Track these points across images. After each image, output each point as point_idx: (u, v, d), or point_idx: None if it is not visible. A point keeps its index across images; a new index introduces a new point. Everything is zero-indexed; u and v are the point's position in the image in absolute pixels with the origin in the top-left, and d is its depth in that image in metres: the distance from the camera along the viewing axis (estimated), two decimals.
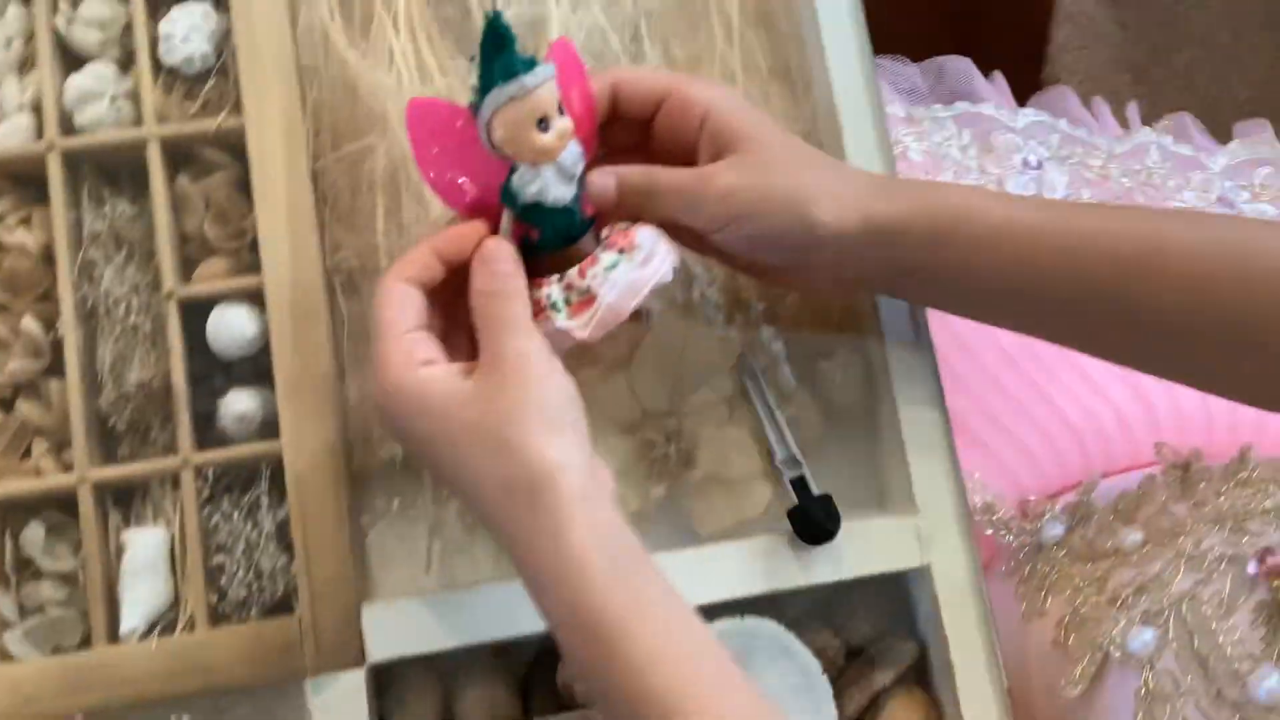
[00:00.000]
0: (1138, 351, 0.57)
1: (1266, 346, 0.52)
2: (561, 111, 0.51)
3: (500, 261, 0.51)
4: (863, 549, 0.62)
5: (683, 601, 0.48)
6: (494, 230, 0.53)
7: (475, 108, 0.51)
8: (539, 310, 0.52)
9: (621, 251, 0.53)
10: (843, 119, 0.67)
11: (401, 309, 0.51)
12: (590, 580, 0.46)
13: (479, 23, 0.66)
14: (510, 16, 0.67)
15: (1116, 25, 1.49)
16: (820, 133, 0.68)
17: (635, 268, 0.52)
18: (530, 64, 0.50)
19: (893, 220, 0.55)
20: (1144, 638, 0.61)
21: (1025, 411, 0.80)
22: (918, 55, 1.07)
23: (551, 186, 0.51)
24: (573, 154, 0.52)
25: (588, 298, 0.52)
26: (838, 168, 0.60)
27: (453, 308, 0.54)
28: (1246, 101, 1.46)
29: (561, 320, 0.52)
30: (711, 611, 0.61)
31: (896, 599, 0.65)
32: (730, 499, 0.63)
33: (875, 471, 0.65)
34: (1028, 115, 0.95)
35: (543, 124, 0.50)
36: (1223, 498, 0.67)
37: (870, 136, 0.66)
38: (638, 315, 0.57)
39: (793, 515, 0.61)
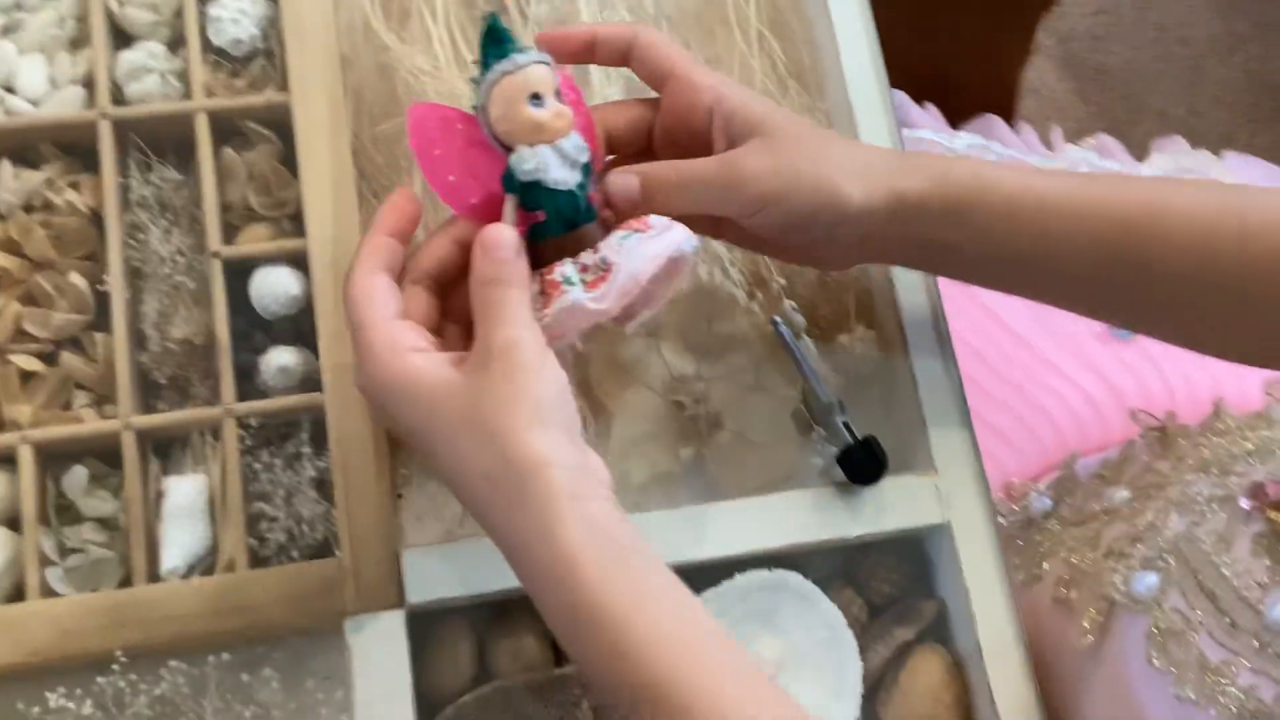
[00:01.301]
0: (1148, 314, 0.59)
1: (1265, 301, 0.55)
2: (560, 100, 0.51)
3: (500, 249, 0.50)
4: (885, 507, 0.64)
5: (685, 591, 0.47)
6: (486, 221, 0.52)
7: (476, 109, 0.52)
8: (554, 288, 0.51)
9: (636, 230, 0.52)
10: (858, 119, 0.71)
11: (378, 300, 0.50)
12: (585, 577, 0.45)
13: (512, 21, 0.71)
14: (540, 15, 0.71)
15: (1078, 98, 1.57)
16: (836, 128, 0.72)
17: (650, 238, 0.52)
18: (517, 47, 0.51)
19: (916, 195, 0.56)
20: (1147, 581, 0.63)
21: (999, 400, 0.82)
22: None
23: (552, 166, 0.50)
24: (575, 142, 0.51)
25: (604, 271, 0.51)
26: (855, 144, 0.63)
27: (449, 299, 0.53)
28: None
29: (576, 293, 0.50)
30: (739, 565, 0.63)
31: (916, 560, 0.67)
32: (757, 459, 0.65)
33: (893, 434, 0.67)
34: (964, 139, 1.01)
35: (536, 100, 0.50)
36: (1203, 449, 0.69)
37: (884, 137, 0.70)
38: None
39: (844, 456, 0.62)
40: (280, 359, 0.62)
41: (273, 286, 0.63)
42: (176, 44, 0.67)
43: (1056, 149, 1.06)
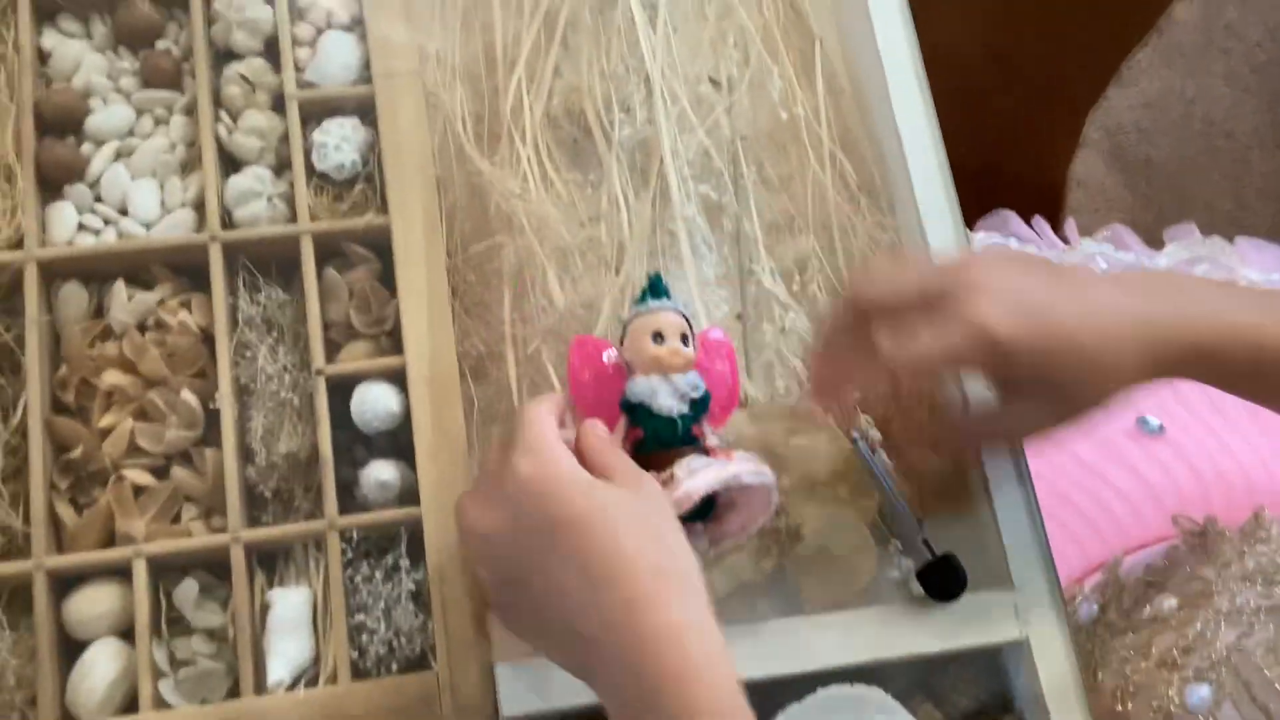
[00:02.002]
0: None
1: None
2: (686, 344, 0.58)
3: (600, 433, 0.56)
4: (964, 622, 0.66)
5: None
6: None
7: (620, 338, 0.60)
8: None
9: (712, 456, 0.58)
10: (928, 231, 0.73)
11: (548, 415, 0.55)
12: (730, 669, 0.49)
13: (597, 144, 0.74)
14: (624, 137, 0.74)
15: (1126, 190, 1.59)
16: (906, 243, 0.74)
17: (718, 465, 0.58)
18: (664, 297, 0.59)
19: (1168, 369, 0.58)
20: (1200, 693, 0.64)
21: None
22: None
23: (660, 395, 0.57)
24: (690, 380, 0.58)
25: (672, 484, 0.56)
26: (1104, 337, 0.58)
27: None
28: None
29: None
30: (821, 679, 0.64)
31: (995, 674, 0.68)
32: (836, 572, 0.67)
33: (970, 548, 0.68)
34: (980, 238, 1.03)
35: (658, 338, 0.58)
36: (1246, 558, 0.71)
37: (954, 248, 0.73)
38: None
39: (924, 573, 0.64)
40: (380, 473, 0.65)
41: (373, 403, 0.66)
42: (282, 168, 0.70)
43: (1073, 243, 1.08)
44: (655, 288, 0.61)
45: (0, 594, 0.62)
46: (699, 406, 0.59)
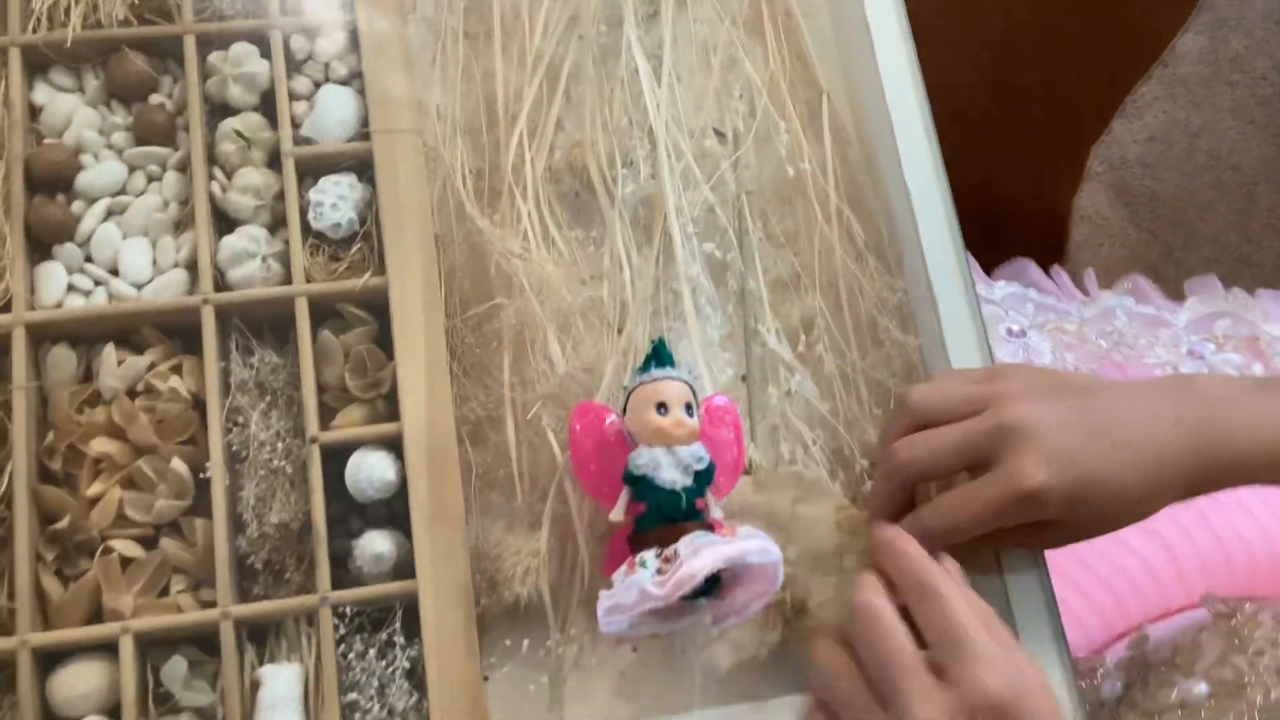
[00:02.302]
0: None
1: None
2: (691, 414, 0.58)
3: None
4: None
5: None
6: (610, 507, 0.58)
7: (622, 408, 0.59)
8: (631, 567, 0.56)
9: (716, 534, 0.57)
10: (937, 293, 0.71)
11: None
12: None
13: (600, 199, 0.72)
14: (627, 193, 0.73)
15: (1131, 225, 1.58)
16: (915, 303, 0.73)
17: (722, 543, 0.56)
18: (668, 364, 0.59)
19: (1201, 488, 0.59)
20: None
21: (1059, 570, 0.83)
22: None
23: (664, 468, 0.57)
24: (694, 452, 0.57)
25: (674, 561, 0.55)
26: (1131, 456, 0.58)
27: None
28: None
29: (644, 575, 0.55)
30: None
31: None
32: None
33: None
34: (1003, 288, 1.01)
35: (661, 409, 0.57)
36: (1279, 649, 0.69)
37: (964, 310, 0.71)
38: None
39: None
40: (374, 545, 0.63)
41: (369, 471, 0.64)
42: (277, 226, 0.69)
43: (1092, 294, 1.06)
44: (659, 355, 0.60)
45: None
46: (703, 479, 0.58)
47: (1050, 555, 0.83)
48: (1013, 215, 1.57)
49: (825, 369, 0.72)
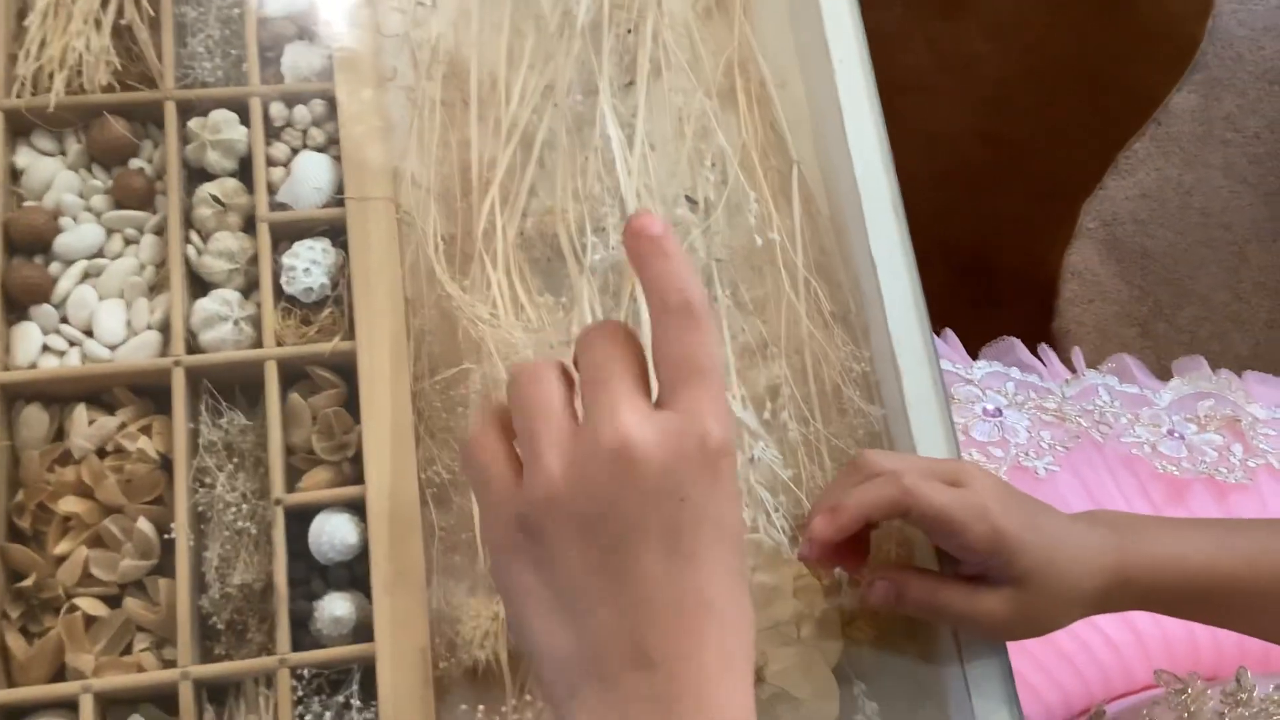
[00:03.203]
0: None
1: None
2: None
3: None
4: None
5: None
6: None
7: None
8: None
9: None
10: (901, 364, 0.72)
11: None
12: None
13: (570, 265, 0.74)
14: (596, 260, 0.74)
15: (1122, 282, 1.58)
16: (879, 373, 0.74)
17: None
18: None
19: (1119, 600, 0.64)
20: None
21: (1022, 648, 0.83)
22: (931, 308, 1.15)
23: None
24: None
25: None
26: (1076, 550, 0.63)
27: None
28: (1249, 357, 1.55)
29: None
30: None
31: None
32: (798, 716, 0.66)
33: (933, 690, 0.67)
34: (982, 367, 1.02)
35: None
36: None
37: (926, 382, 0.72)
38: None
39: None
40: (334, 608, 0.64)
41: (330, 534, 0.65)
42: (250, 289, 0.70)
43: (1079, 371, 1.07)
44: None
45: None
46: None
47: None
48: (1004, 269, 1.58)
49: (789, 436, 0.72)
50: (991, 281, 1.57)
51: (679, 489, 0.41)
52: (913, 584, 0.64)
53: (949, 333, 1.08)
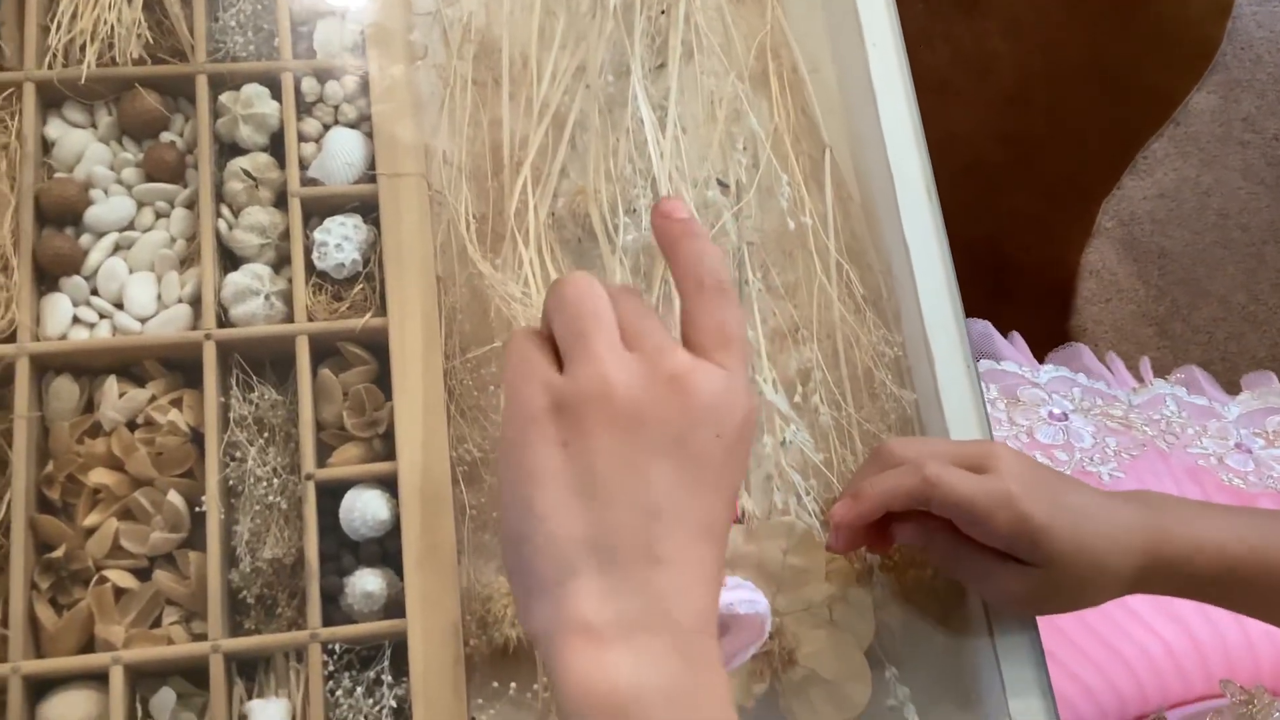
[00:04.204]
0: None
1: None
2: None
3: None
4: None
5: None
6: None
7: None
8: None
9: None
10: (934, 352, 0.72)
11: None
12: None
13: (602, 246, 0.73)
14: (628, 241, 0.73)
15: (1139, 282, 1.58)
16: (911, 358, 0.73)
17: None
18: None
19: (1137, 580, 0.62)
20: None
21: (1081, 648, 0.83)
22: None
23: None
24: None
25: None
26: (1106, 529, 0.62)
27: None
28: (1265, 358, 1.54)
29: None
30: None
31: None
32: (829, 699, 0.65)
33: (968, 684, 0.67)
34: (1049, 371, 1.02)
35: None
36: None
37: (959, 366, 0.72)
38: None
39: None
40: (366, 584, 0.63)
41: (362, 510, 0.64)
42: (281, 265, 0.70)
43: (1146, 380, 1.06)
44: None
45: None
46: None
47: (1072, 634, 0.83)
48: (1021, 267, 1.58)
49: (821, 420, 0.72)
50: (1009, 279, 1.56)
51: (718, 425, 0.45)
52: (940, 537, 0.63)
53: (1016, 335, 1.08)
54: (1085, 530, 0.61)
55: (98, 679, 0.61)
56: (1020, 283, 1.57)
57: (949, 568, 0.64)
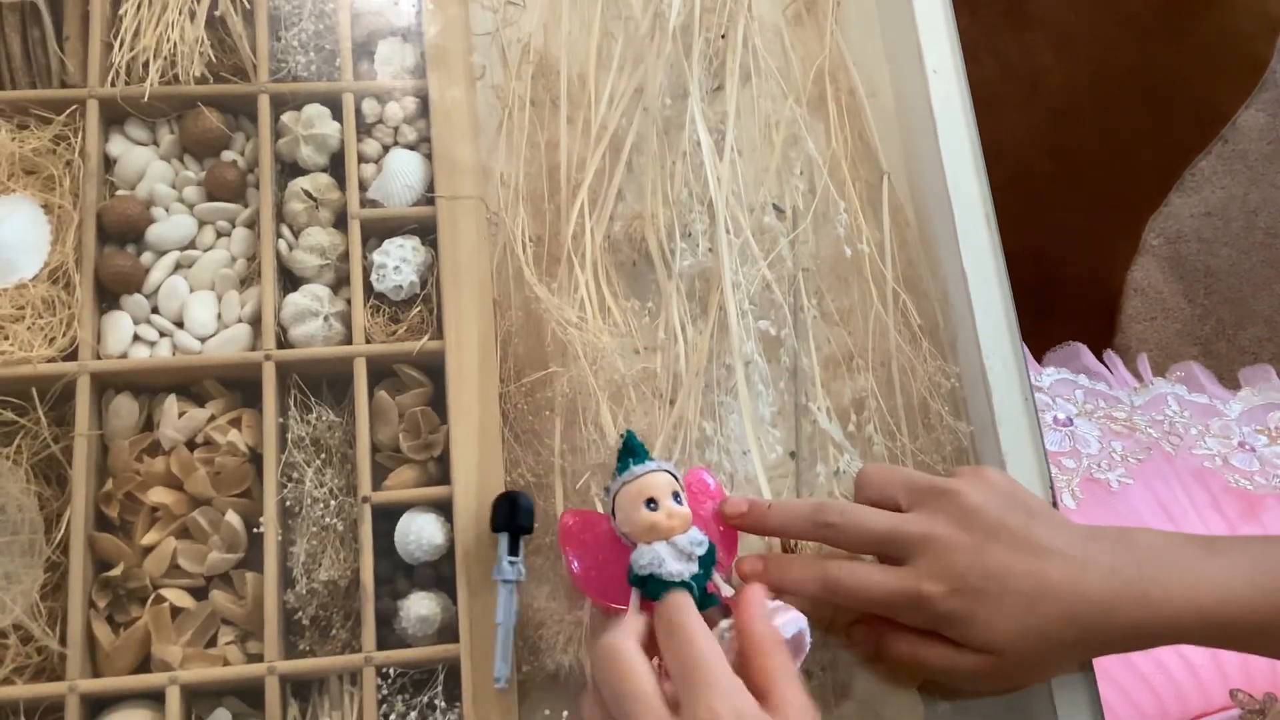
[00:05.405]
0: None
1: None
2: (679, 501, 0.58)
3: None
4: None
5: None
6: (620, 611, 0.58)
7: (609, 510, 0.60)
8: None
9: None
10: (991, 381, 0.71)
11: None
12: None
13: (657, 271, 0.73)
14: (685, 266, 0.73)
15: (1184, 300, 1.57)
16: (967, 389, 0.73)
17: (785, 608, 0.57)
18: (644, 458, 0.59)
19: (1119, 645, 0.59)
20: None
21: (1099, 668, 0.82)
22: None
23: (667, 560, 0.56)
24: (692, 537, 0.57)
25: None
26: (1055, 606, 0.58)
27: None
28: None
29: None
30: None
31: None
32: None
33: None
34: (1051, 374, 1.01)
35: (651, 504, 0.57)
36: None
37: (1017, 399, 0.71)
38: None
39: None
40: (420, 608, 0.64)
41: (418, 533, 0.65)
42: (340, 285, 0.70)
43: (1146, 379, 1.06)
44: (632, 449, 0.60)
45: (32, 715, 0.61)
46: (707, 561, 0.58)
47: None
48: (1066, 283, 1.57)
49: (875, 450, 0.72)
50: (1054, 294, 1.55)
51: None
52: (892, 637, 0.61)
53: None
54: (1028, 613, 0.57)
55: (154, 698, 0.61)
56: (1064, 298, 1.56)
57: (905, 663, 0.62)
